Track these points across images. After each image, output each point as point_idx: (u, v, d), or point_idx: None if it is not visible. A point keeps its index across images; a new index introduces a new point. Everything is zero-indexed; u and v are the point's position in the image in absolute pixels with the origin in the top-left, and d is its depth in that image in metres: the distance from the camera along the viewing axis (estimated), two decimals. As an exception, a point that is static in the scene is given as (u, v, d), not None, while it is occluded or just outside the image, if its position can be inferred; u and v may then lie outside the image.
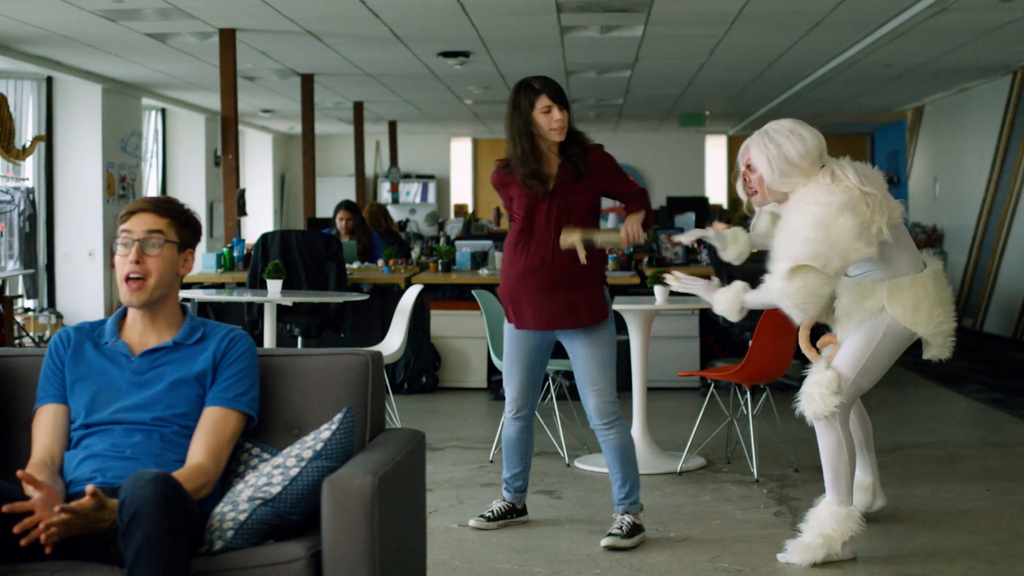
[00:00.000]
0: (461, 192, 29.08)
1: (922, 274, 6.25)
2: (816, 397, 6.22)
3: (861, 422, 6.94)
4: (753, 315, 9.73)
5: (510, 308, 6.66)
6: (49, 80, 16.63)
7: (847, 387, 6.24)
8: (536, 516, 7.16)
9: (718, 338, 12.47)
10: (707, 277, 6.58)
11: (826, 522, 6.21)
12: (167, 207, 4.32)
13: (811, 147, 6.11)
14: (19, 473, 3.82)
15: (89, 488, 3.75)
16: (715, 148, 28.73)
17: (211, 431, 4.17)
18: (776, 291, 6.05)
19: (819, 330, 6.85)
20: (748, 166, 6.30)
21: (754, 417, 8.23)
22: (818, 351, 6.65)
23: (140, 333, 4.34)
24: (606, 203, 7.54)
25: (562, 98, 6.56)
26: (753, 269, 6.76)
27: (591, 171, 6.54)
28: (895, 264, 6.25)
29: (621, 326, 9.37)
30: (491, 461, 8.68)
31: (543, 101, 6.52)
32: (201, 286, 11.67)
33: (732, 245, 6.79)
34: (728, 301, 6.36)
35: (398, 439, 4.40)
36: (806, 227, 5.95)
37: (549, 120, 6.50)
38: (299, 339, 11.05)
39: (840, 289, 6.38)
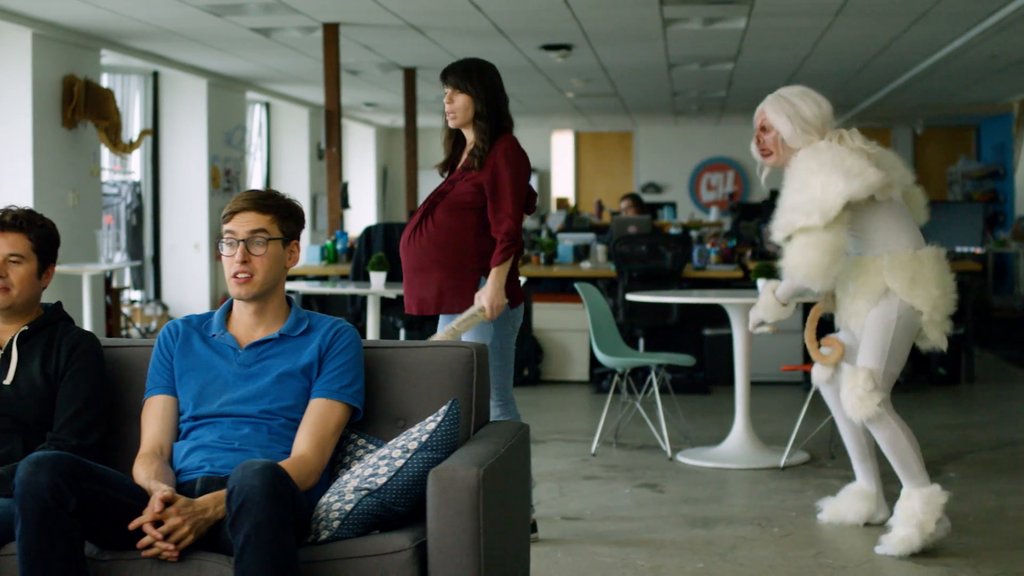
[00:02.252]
0: (562, 185, 29.05)
1: (922, 251, 6.27)
2: (857, 401, 6.21)
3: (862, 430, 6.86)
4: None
5: None
6: (155, 75, 16.82)
7: (881, 379, 6.23)
8: (639, 510, 7.16)
9: (822, 333, 12.35)
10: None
11: (915, 509, 6.20)
12: (267, 202, 4.34)
13: (825, 110, 6.28)
14: (161, 495, 3.87)
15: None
16: (818, 141, 28.52)
17: (316, 423, 4.20)
18: (787, 268, 6.21)
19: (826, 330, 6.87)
20: (763, 127, 6.38)
21: (858, 412, 8.15)
22: (819, 346, 6.65)
23: (247, 326, 4.38)
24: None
25: (461, 84, 6.25)
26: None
27: (484, 163, 6.26)
28: (892, 238, 6.27)
29: (708, 323, 9.33)
30: (593, 454, 8.67)
31: (444, 88, 6.32)
32: (305, 278, 11.76)
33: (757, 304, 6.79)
34: (768, 305, 6.54)
35: (503, 431, 4.41)
36: (789, 196, 6.14)
37: (447, 107, 6.33)
38: (402, 331, 11.11)
39: (842, 273, 6.37)
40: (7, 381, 4.37)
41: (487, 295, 6.13)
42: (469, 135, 6.34)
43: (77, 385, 4.38)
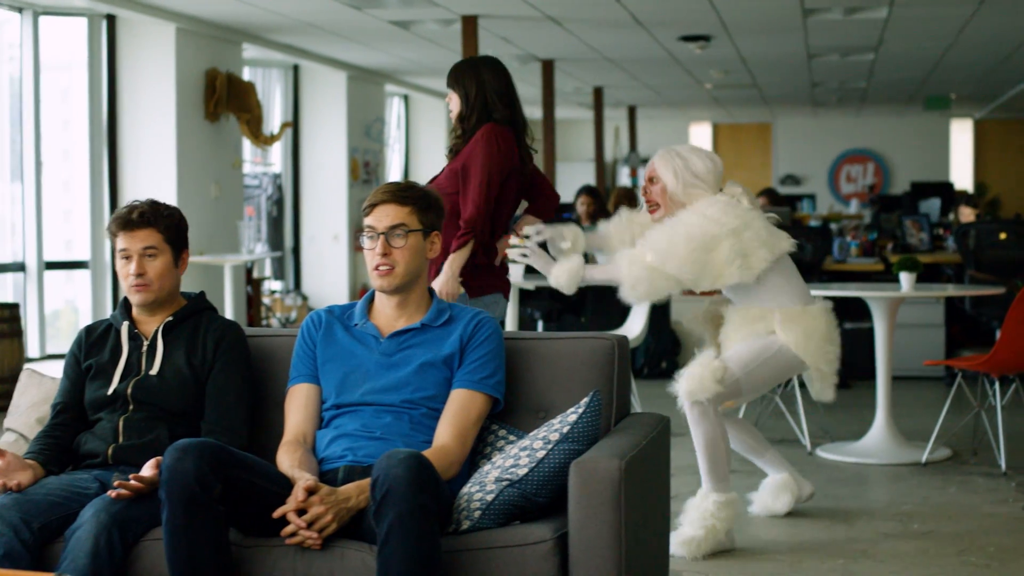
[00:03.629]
0: (700, 177, 28.88)
1: (814, 307, 6.26)
2: (697, 378, 6.08)
3: (744, 429, 6.84)
4: (1003, 304, 9.50)
5: None
6: (296, 68, 17.00)
7: (730, 381, 6.11)
8: (778, 504, 7.10)
9: (964, 327, 12.18)
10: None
11: (709, 512, 6.12)
12: (407, 195, 4.35)
13: (717, 165, 6.25)
14: (304, 484, 3.92)
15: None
16: (961, 132, 28.09)
17: (457, 413, 4.21)
18: (625, 270, 6.04)
19: None
20: (651, 179, 6.30)
21: (1002, 408, 8.02)
22: None
23: (389, 316, 4.40)
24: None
25: (451, 84, 6.27)
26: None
27: (459, 153, 6.20)
28: (783, 293, 6.25)
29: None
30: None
31: None
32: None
33: (569, 241, 6.46)
34: (570, 273, 6.17)
35: (644, 423, 4.39)
36: (692, 242, 5.98)
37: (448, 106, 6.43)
38: (539, 323, 11.11)
39: (728, 315, 6.38)
40: (153, 372, 4.43)
41: (439, 281, 6.01)
42: None
43: (228, 379, 4.44)
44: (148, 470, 4.08)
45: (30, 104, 12.06)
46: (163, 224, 4.50)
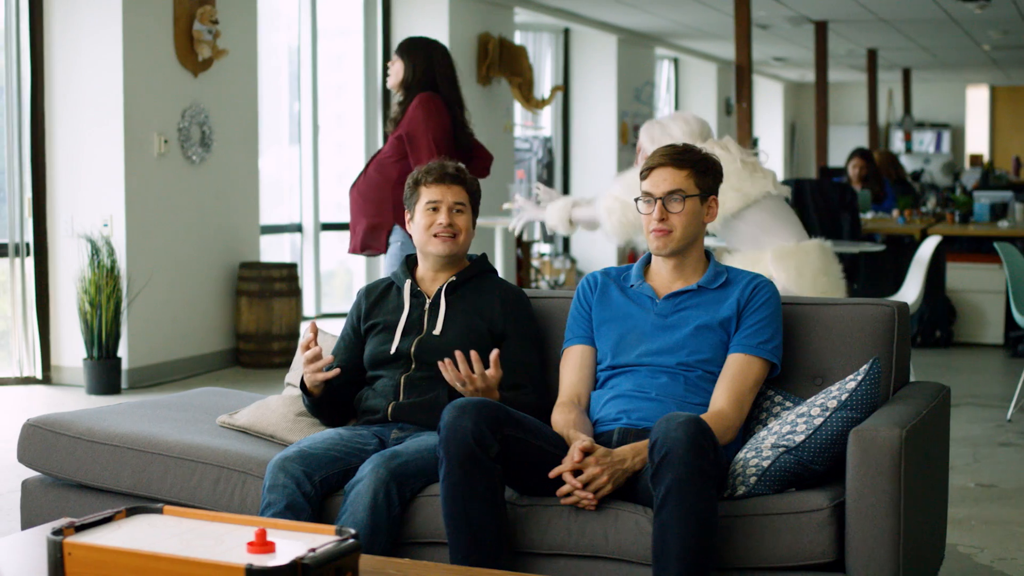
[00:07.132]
0: (977, 141, 28.18)
1: (805, 243, 6.25)
2: None
3: None
4: None
5: None
6: (566, 32, 17.06)
7: None
8: (1054, 478, 6.91)
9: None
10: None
11: None
12: (684, 158, 4.32)
13: (694, 128, 6.35)
14: (580, 445, 3.94)
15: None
16: None
17: (734, 378, 4.18)
18: (602, 210, 6.33)
19: None
20: (638, 150, 6.46)
21: None
22: None
23: (665, 278, 4.39)
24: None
25: (401, 53, 7.08)
26: None
27: (400, 122, 7.04)
28: (775, 234, 6.22)
29: None
30: (1009, 420, 8.40)
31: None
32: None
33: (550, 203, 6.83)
34: (559, 211, 6.62)
35: (923, 393, 4.30)
36: None
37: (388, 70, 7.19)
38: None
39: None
40: (436, 331, 4.50)
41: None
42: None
43: (526, 342, 4.53)
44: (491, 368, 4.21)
45: (308, 70, 12.36)
46: (471, 187, 4.65)
